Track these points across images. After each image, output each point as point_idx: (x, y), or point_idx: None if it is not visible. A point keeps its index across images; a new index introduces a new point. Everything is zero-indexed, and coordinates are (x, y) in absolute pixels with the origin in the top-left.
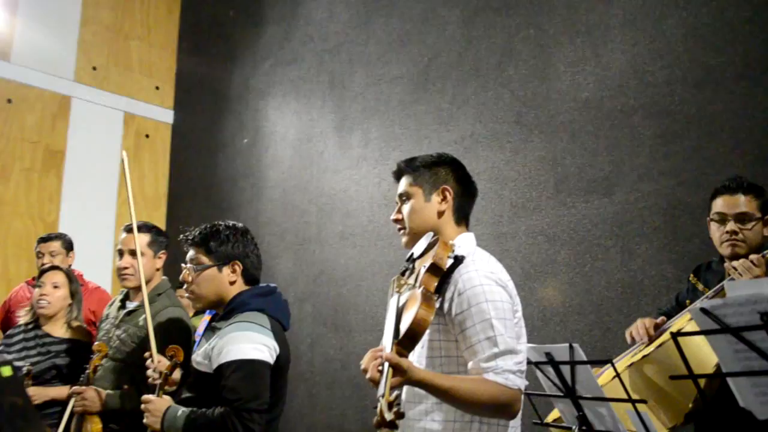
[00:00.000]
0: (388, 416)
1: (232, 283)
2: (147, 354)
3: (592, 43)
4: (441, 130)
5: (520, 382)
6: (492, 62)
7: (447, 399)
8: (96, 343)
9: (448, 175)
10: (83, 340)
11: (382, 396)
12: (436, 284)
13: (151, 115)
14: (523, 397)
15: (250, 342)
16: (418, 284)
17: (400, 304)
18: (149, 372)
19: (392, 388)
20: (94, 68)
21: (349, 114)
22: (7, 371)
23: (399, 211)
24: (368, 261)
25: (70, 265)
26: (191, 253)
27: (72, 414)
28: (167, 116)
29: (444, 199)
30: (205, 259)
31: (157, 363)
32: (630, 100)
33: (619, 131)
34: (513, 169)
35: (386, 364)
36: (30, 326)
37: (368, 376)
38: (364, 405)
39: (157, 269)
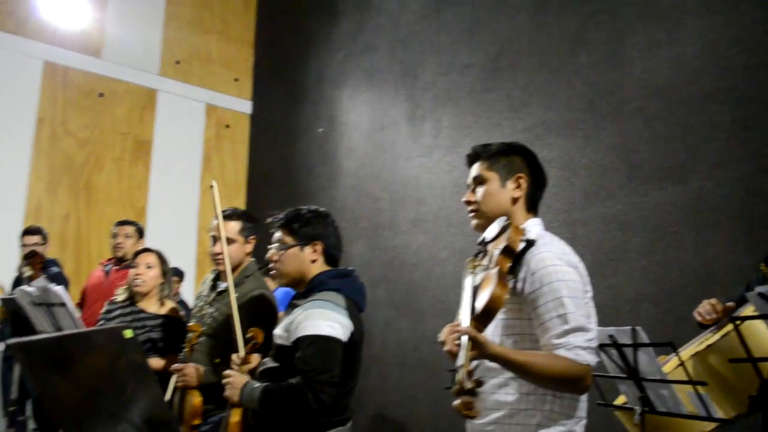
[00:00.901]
0: (468, 384)
1: (313, 261)
2: (234, 356)
3: (666, 28)
4: (512, 118)
5: (591, 358)
6: (563, 49)
7: (520, 373)
8: (191, 323)
9: (523, 164)
10: (174, 316)
11: (462, 365)
12: (509, 265)
13: (230, 106)
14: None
15: (325, 319)
16: (492, 265)
17: (476, 283)
18: (233, 357)
19: (471, 359)
20: (178, 62)
21: (421, 103)
22: (128, 333)
23: (472, 194)
24: (439, 247)
25: (138, 250)
26: (277, 234)
27: (175, 389)
28: (246, 107)
29: (518, 186)
30: (288, 239)
31: (239, 361)
32: (706, 86)
33: (694, 117)
34: (585, 157)
35: (465, 337)
36: (126, 303)
37: (446, 348)
38: (434, 387)
39: (247, 254)
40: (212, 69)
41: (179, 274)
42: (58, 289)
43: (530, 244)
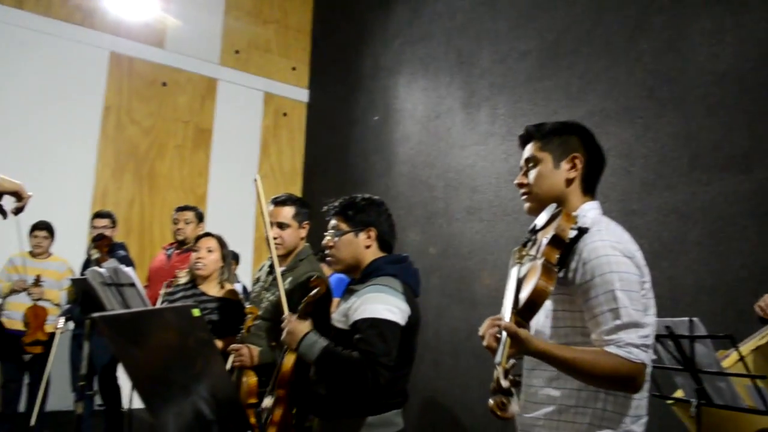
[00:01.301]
0: (504, 383)
1: (367, 247)
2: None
3: (732, 12)
4: (570, 105)
5: (644, 356)
6: (623, 35)
7: (566, 370)
8: (248, 306)
9: (579, 143)
10: (233, 299)
11: (499, 363)
12: (557, 256)
13: (288, 95)
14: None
15: (384, 303)
16: (539, 255)
17: (521, 274)
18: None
19: (509, 357)
20: (237, 52)
21: (477, 90)
22: (197, 312)
23: (524, 176)
24: (494, 236)
25: (199, 234)
26: (333, 221)
27: (232, 369)
28: (303, 95)
29: (573, 167)
30: (344, 226)
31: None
32: None
33: (759, 105)
34: (644, 146)
35: (504, 333)
36: (188, 285)
37: (485, 343)
38: (485, 375)
39: (302, 238)
40: (270, 58)
41: (235, 257)
42: (128, 270)
43: (583, 231)
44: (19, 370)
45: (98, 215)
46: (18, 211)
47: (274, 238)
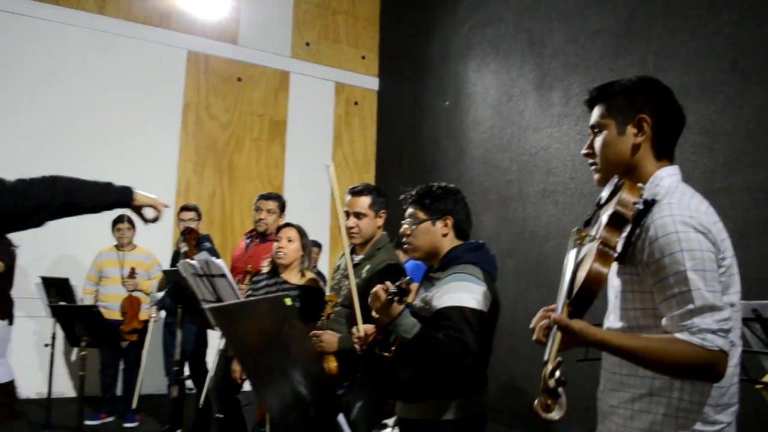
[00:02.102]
0: (550, 383)
1: (444, 235)
2: (354, 329)
3: None
4: None
5: (722, 342)
6: (703, 7)
7: (632, 361)
8: (328, 293)
9: (647, 103)
10: (314, 286)
11: (547, 360)
12: (616, 238)
13: (358, 84)
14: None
15: (467, 291)
16: (598, 236)
17: (579, 258)
18: (354, 339)
19: (560, 351)
20: (308, 44)
21: (549, 71)
22: (289, 301)
23: (590, 145)
24: (571, 218)
25: (280, 225)
26: (410, 210)
27: None
28: (373, 84)
29: (641, 130)
30: (421, 214)
31: (362, 333)
32: None
33: None
34: (727, 121)
35: (555, 327)
36: (271, 274)
37: (534, 337)
38: (564, 359)
39: (379, 227)
40: (340, 48)
41: (318, 245)
42: (219, 261)
43: (649, 204)
44: (115, 356)
45: (184, 209)
46: (155, 219)
47: (351, 228)
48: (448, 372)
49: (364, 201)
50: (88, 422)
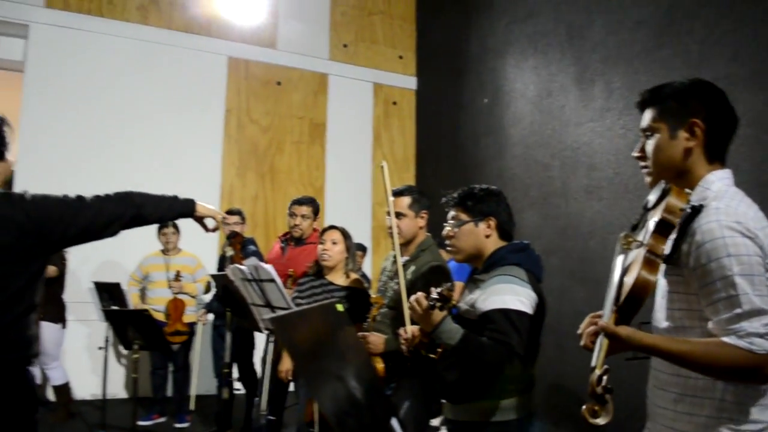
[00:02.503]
0: (598, 389)
1: (487, 236)
2: (401, 330)
3: None
4: (691, 73)
5: None
6: None
7: (679, 364)
8: (374, 295)
9: (700, 107)
10: (359, 287)
11: (594, 367)
12: (663, 245)
13: (396, 84)
14: None
15: (512, 294)
16: (645, 242)
17: (626, 263)
18: (401, 341)
19: (607, 357)
20: (345, 46)
21: (590, 65)
22: (340, 307)
23: (642, 148)
24: (616, 214)
25: (314, 229)
26: (452, 212)
27: None
28: (411, 83)
29: (693, 135)
30: (463, 216)
31: (410, 334)
32: None
33: None
34: None
35: (602, 334)
36: (316, 276)
37: (582, 343)
38: (612, 357)
39: (420, 227)
40: (377, 49)
41: (362, 248)
42: (269, 267)
43: (697, 210)
44: (165, 358)
45: (229, 212)
46: (216, 229)
47: (390, 227)
48: (495, 375)
49: (404, 201)
50: (141, 423)
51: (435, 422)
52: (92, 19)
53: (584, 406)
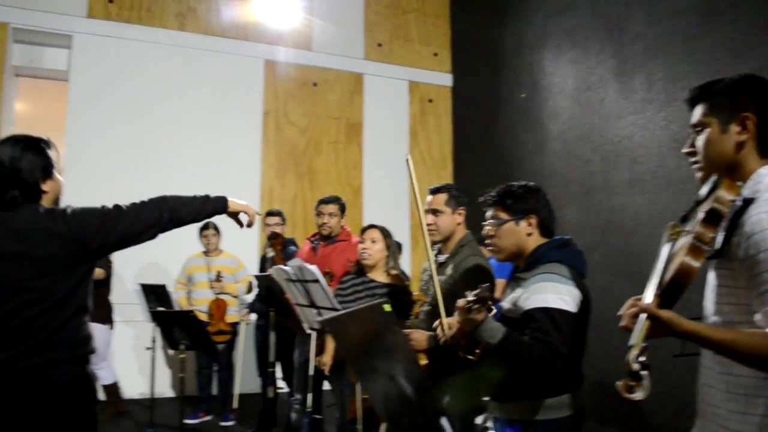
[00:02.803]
0: (634, 366)
1: (528, 234)
2: (436, 323)
3: None
4: (736, 62)
5: None
6: None
7: (721, 352)
8: (416, 293)
9: (751, 101)
10: (400, 284)
11: (632, 346)
12: (710, 234)
13: (432, 81)
14: None
15: (555, 292)
16: (692, 231)
17: (673, 251)
18: (439, 333)
19: (647, 339)
20: (380, 45)
21: (630, 57)
22: (387, 307)
23: (692, 144)
24: (660, 208)
25: (342, 226)
26: (490, 211)
27: None
28: (447, 80)
29: (744, 128)
30: (503, 215)
31: (446, 328)
32: None
33: None
34: None
35: (643, 315)
36: (357, 274)
37: (622, 323)
38: (658, 353)
39: (458, 224)
40: (412, 47)
41: (398, 246)
42: (313, 267)
43: (748, 202)
44: (209, 358)
45: (270, 214)
46: (250, 224)
47: (429, 225)
48: (537, 375)
49: (440, 198)
50: (188, 421)
51: (479, 420)
52: (132, 28)
53: (618, 382)
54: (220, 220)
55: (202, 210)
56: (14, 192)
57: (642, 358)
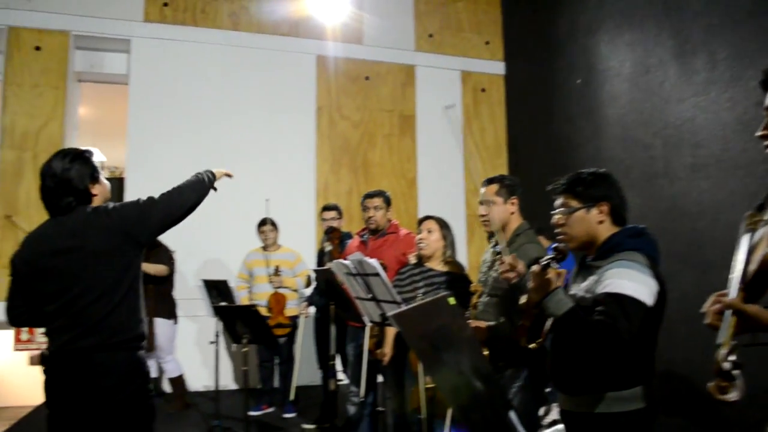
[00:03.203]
0: (725, 366)
1: (600, 222)
2: (504, 265)
3: None
4: None
5: None
6: None
7: None
8: (473, 284)
9: None
10: (458, 272)
11: (721, 344)
12: None
13: (484, 70)
14: None
15: (630, 279)
16: None
17: (753, 242)
18: (503, 268)
19: (735, 336)
20: (431, 35)
21: (690, 37)
22: (452, 301)
23: (766, 127)
24: (725, 193)
25: (389, 219)
26: (559, 200)
27: None
28: (499, 68)
29: None
30: (573, 203)
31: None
32: None
33: None
34: None
35: (728, 311)
36: (416, 264)
37: (706, 321)
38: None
39: (512, 213)
40: (463, 36)
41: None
42: (373, 261)
43: None
44: (270, 351)
45: (326, 208)
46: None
47: (483, 215)
48: (594, 358)
49: (492, 189)
50: (251, 413)
51: (541, 411)
52: (187, 29)
53: (710, 384)
54: (288, 217)
55: (206, 188)
56: (69, 198)
57: (732, 357)
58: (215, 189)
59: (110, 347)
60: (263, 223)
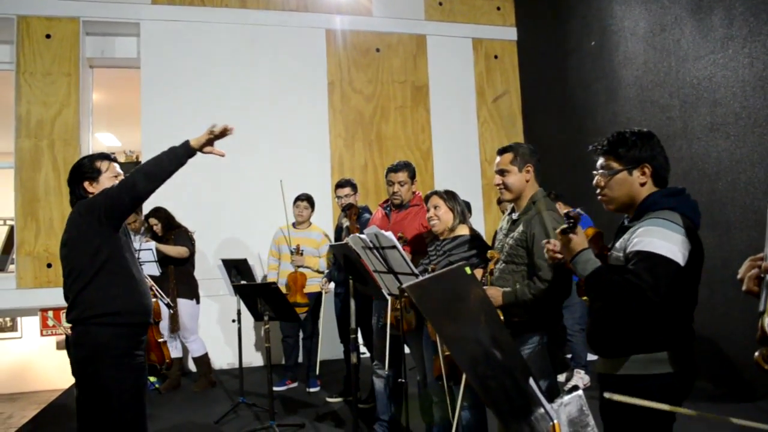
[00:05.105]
0: None
1: (642, 184)
2: (545, 241)
3: None
4: None
5: None
6: None
7: None
8: (489, 251)
9: None
10: (473, 234)
11: (764, 312)
12: None
13: (496, 36)
14: None
15: (662, 239)
16: None
17: None
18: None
19: None
20: (440, 3)
21: None
22: (468, 270)
23: None
24: (745, 151)
25: (414, 191)
26: (601, 161)
27: None
28: (511, 34)
29: None
30: (615, 165)
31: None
32: None
33: None
34: None
35: (767, 276)
36: (432, 241)
37: (744, 287)
38: (749, 303)
39: (527, 181)
40: (474, 3)
41: (467, 206)
42: (389, 234)
43: None
44: (294, 327)
45: (339, 185)
46: (223, 134)
47: (498, 184)
48: (620, 317)
49: (506, 158)
50: (276, 388)
51: (561, 378)
52: (195, 10)
53: (756, 353)
54: (293, 194)
55: (174, 160)
56: (71, 197)
57: None
58: (222, 154)
59: (82, 321)
60: (299, 198)
